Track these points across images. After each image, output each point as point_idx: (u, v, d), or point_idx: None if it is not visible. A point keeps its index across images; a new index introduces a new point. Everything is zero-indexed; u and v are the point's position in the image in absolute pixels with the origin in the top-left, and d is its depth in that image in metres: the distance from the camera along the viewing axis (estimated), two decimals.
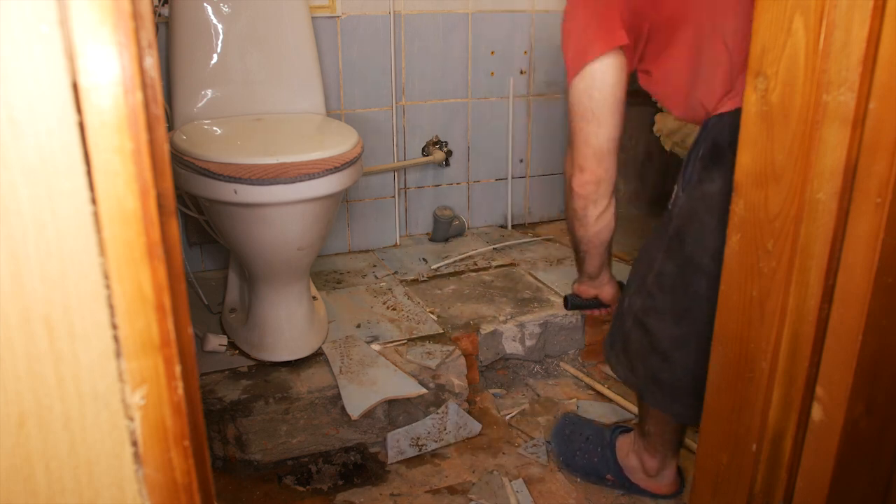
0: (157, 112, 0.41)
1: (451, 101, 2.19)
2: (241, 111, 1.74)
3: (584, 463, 1.34)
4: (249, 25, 1.76)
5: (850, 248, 0.64)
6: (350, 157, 1.38)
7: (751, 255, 0.73)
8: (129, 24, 0.38)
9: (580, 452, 1.35)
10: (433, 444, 1.49)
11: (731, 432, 0.80)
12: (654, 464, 1.28)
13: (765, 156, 0.69)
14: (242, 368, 1.51)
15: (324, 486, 1.39)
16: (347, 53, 2.00)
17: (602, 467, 1.32)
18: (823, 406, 0.69)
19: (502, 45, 2.19)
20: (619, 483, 1.32)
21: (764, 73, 0.67)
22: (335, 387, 1.46)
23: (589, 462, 1.34)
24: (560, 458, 1.37)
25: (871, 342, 0.65)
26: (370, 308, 1.78)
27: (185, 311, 0.46)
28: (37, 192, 0.38)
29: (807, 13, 0.62)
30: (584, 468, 1.34)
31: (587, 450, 1.35)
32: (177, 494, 0.47)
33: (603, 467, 1.32)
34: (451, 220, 2.21)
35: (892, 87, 0.59)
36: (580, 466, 1.34)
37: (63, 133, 0.38)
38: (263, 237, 1.38)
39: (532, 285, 1.90)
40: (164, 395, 0.44)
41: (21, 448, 0.42)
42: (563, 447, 1.38)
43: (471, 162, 2.27)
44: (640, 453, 1.29)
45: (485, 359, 1.69)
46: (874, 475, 0.74)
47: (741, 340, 0.76)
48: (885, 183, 0.60)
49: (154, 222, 0.41)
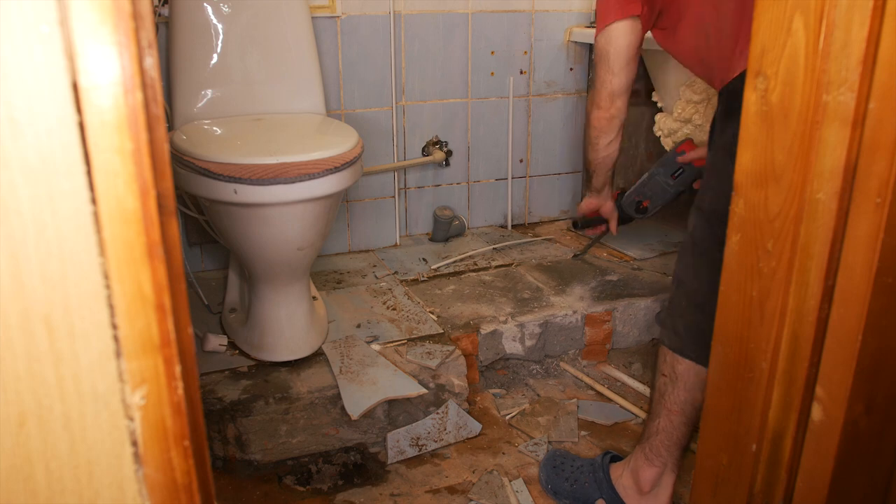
0: (157, 112, 0.41)
1: (451, 101, 2.19)
2: (241, 111, 1.74)
3: (573, 489, 1.33)
4: (249, 25, 1.76)
5: (850, 248, 0.64)
6: (350, 157, 1.38)
7: (751, 255, 0.73)
8: (129, 24, 0.38)
9: (569, 480, 1.34)
10: (433, 444, 1.49)
11: (731, 432, 0.80)
12: (651, 475, 1.26)
13: (765, 156, 0.69)
14: (242, 368, 1.51)
15: (324, 486, 1.39)
16: (347, 53, 2.00)
17: (593, 492, 1.31)
18: (823, 406, 0.69)
19: (502, 45, 2.19)
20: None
21: (764, 73, 0.67)
22: (335, 387, 1.46)
23: (580, 488, 1.33)
24: (549, 487, 1.35)
25: (871, 342, 0.65)
26: (370, 308, 1.78)
27: (185, 311, 0.46)
28: (37, 192, 0.38)
29: (807, 13, 0.62)
30: (574, 494, 1.32)
31: (577, 477, 1.34)
32: (177, 494, 0.47)
33: (594, 492, 1.31)
34: (451, 220, 2.21)
35: (892, 87, 0.59)
36: (569, 493, 1.33)
37: (63, 133, 0.38)
38: (263, 237, 1.38)
39: (532, 285, 1.90)
40: (164, 395, 0.44)
41: (21, 448, 0.42)
42: (551, 476, 1.36)
43: (471, 162, 2.27)
44: (637, 466, 1.28)
45: (485, 359, 1.69)
46: (874, 475, 0.74)
47: (741, 340, 0.76)
48: (885, 183, 0.60)
49: (154, 222, 0.41)
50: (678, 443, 1.23)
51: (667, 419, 1.23)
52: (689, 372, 1.19)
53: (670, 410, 1.22)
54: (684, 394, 1.21)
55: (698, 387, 1.19)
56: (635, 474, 1.28)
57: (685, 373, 1.20)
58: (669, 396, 1.22)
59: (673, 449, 1.24)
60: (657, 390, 1.25)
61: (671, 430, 1.23)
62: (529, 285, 1.90)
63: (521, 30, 2.20)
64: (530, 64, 2.24)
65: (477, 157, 2.28)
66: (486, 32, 2.16)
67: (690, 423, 1.22)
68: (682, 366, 1.20)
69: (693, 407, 1.21)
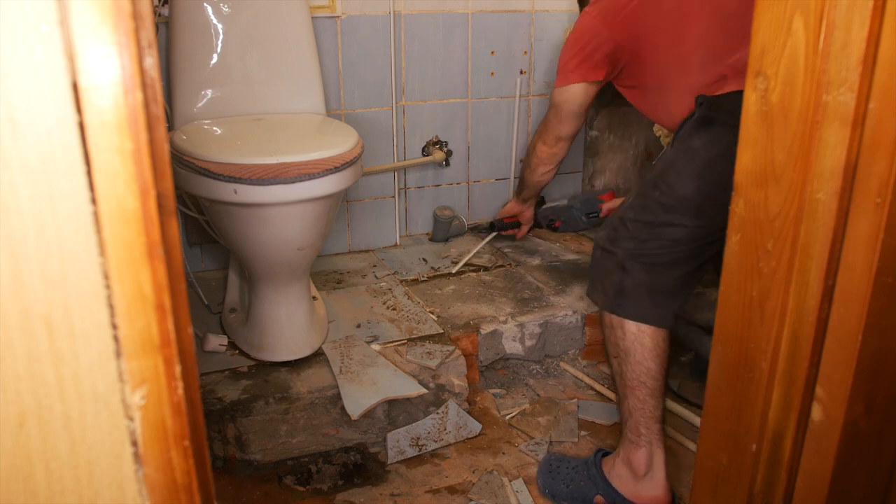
0: (157, 112, 0.41)
1: (451, 101, 2.19)
2: (241, 111, 1.74)
3: (570, 490, 1.36)
4: (249, 25, 1.76)
5: (850, 248, 0.64)
6: (350, 157, 1.38)
7: (751, 255, 0.73)
8: (129, 24, 0.38)
9: (565, 482, 1.37)
10: (433, 444, 1.49)
11: (731, 432, 0.80)
12: (641, 457, 1.29)
13: (765, 156, 0.69)
14: (242, 368, 1.51)
15: (324, 486, 1.39)
16: (347, 53, 2.00)
17: (589, 490, 1.34)
18: (823, 406, 0.69)
19: (502, 45, 2.19)
20: (609, 501, 1.32)
21: (764, 73, 0.67)
22: (335, 387, 1.46)
23: (576, 488, 1.35)
24: (546, 491, 1.37)
25: (871, 342, 0.65)
26: (370, 308, 1.78)
27: (185, 311, 0.46)
28: (37, 192, 0.38)
29: (807, 13, 0.62)
30: (571, 495, 1.35)
31: (573, 477, 1.37)
32: (177, 494, 0.47)
33: (590, 489, 1.34)
34: (451, 220, 2.21)
35: (892, 87, 0.59)
36: (566, 494, 1.35)
37: (63, 133, 0.38)
38: (263, 237, 1.38)
39: (532, 285, 1.90)
40: (164, 395, 0.44)
41: (21, 448, 0.42)
42: (548, 480, 1.39)
43: (471, 162, 2.27)
44: (626, 452, 1.31)
45: (485, 359, 1.69)
46: (874, 475, 0.74)
47: (741, 340, 0.76)
48: (885, 183, 0.60)
49: (154, 222, 0.41)
50: (652, 416, 1.28)
51: (633, 398, 1.29)
52: (634, 344, 1.27)
53: (633, 388, 1.28)
54: (637, 366, 1.27)
55: (647, 356, 1.27)
56: (627, 461, 1.31)
57: (631, 346, 1.28)
58: (627, 374, 1.29)
59: (650, 424, 1.28)
60: (616, 374, 1.32)
61: (641, 407, 1.28)
62: (529, 285, 1.90)
63: (521, 30, 2.20)
64: (530, 64, 2.24)
65: (477, 157, 2.28)
66: (486, 32, 2.16)
67: (656, 394, 1.28)
68: (626, 340, 1.28)
69: (650, 377, 1.27)
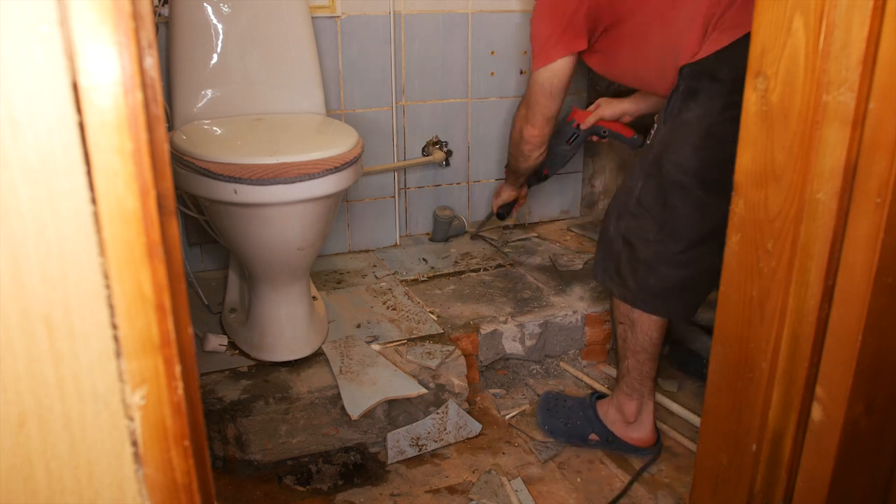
0: (157, 112, 0.41)
1: (451, 101, 2.19)
2: (241, 111, 1.74)
3: (567, 428, 1.50)
4: (249, 25, 1.76)
5: (849, 248, 0.64)
6: (350, 157, 1.38)
7: (751, 255, 0.73)
8: (129, 24, 0.38)
9: (563, 420, 1.52)
10: (433, 444, 1.49)
11: (731, 432, 0.80)
12: (632, 407, 1.44)
13: (765, 156, 0.69)
14: (242, 368, 1.51)
15: (324, 486, 1.39)
16: (347, 53, 2.00)
17: (585, 428, 1.49)
18: (823, 406, 0.69)
19: (502, 45, 2.19)
20: (602, 439, 1.47)
21: (764, 73, 0.67)
22: (335, 387, 1.46)
23: (573, 426, 1.50)
24: (545, 428, 1.52)
25: (870, 342, 0.65)
26: (370, 308, 1.78)
27: (185, 311, 0.46)
28: (37, 192, 0.38)
29: (807, 13, 0.62)
30: (569, 432, 1.50)
31: (570, 416, 1.52)
32: (177, 494, 0.47)
33: (586, 427, 1.49)
34: (451, 220, 2.21)
35: (892, 87, 0.59)
36: (564, 432, 1.50)
37: (63, 133, 0.38)
38: (263, 237, 1.38)
39: (532, 285, 1.90)
40: (164, 395, 0.44)
41: (21, 448, 0.42)
42: (547, 418, 1.53)
43: (471, 162, 2.27)
44: (620, 402, 1.46)
45: (485, 359, 1.69)
46: (874, 475, 0.74)
47: (741, 340, 0.76)
48: (885, 183, 0.60)
49: (154, 222, 0.41)
50: (648, 375, 1.42)
51: (633, 359, 1.41)
52: (643, 318, 1.37)
53: (635, 351, 1.40)
54: (642, 335, 1.38)
55: (654, 327, 1.38)
56: (619, 409, 1.46)
57: (640, 318, 1.38)
58: (631, 340, 1.40)
59: (645, 381, 1.43)
60: (619, 337, 1.43)
61: (639, 367, 1.41)
62: (529, 285, 1.90)
63: (521, 30, 2.20)
64: (530, 64, 2.24)
65: (477, 157, 2.27)
66: (486, 32, 2.16)
67: (654, 357, 1.41)
68: (636, 314, 1.37)
69: (653, 344, 1.39)
